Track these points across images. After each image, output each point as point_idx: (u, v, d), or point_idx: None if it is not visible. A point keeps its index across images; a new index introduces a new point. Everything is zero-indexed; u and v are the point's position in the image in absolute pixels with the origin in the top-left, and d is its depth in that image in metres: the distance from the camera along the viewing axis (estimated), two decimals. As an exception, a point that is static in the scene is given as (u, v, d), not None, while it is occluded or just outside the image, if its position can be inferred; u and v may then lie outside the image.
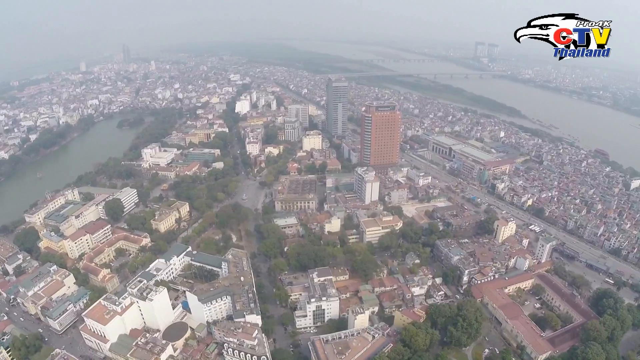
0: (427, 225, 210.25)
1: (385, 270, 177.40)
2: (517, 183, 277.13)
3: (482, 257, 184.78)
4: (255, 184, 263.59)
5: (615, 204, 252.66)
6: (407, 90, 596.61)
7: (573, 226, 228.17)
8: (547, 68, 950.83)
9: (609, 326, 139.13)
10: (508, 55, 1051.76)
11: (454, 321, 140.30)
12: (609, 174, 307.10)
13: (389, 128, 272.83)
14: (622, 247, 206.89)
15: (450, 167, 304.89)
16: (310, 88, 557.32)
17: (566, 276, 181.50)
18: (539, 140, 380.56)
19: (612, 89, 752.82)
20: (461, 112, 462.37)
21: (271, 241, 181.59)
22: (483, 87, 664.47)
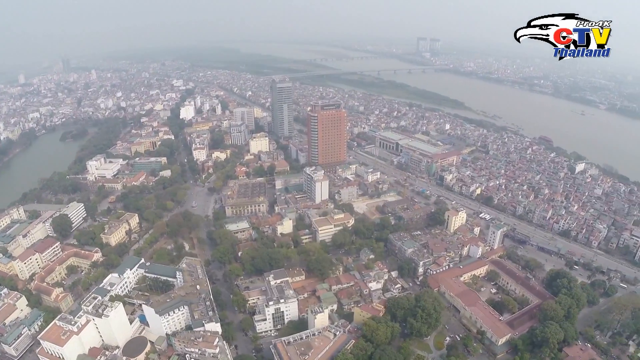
0: (378, 220, 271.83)
1: (341, 268, 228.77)
2: (465, 173, 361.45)
3: (435, 248, 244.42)
4: (204, 191, 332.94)
5: (562, 187, 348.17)
6: (351, 88, 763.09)
7: (522, 212, 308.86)
8: (488, 60, 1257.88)
9: (564, 305, 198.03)
10: (450, 49, 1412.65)
11: (413, 312, 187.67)
12: (553, 159, 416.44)
13: (335, 126, 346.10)
14: (571, 228, 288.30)
15: (398, 162, 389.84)
16: (255, 90, 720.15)
17: (519, 260, 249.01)
18: (484, 130, 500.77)
19: (553, 78, 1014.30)
20: (406, 107, 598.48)
21: (224, 247, 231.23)
22: (426, 81, 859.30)
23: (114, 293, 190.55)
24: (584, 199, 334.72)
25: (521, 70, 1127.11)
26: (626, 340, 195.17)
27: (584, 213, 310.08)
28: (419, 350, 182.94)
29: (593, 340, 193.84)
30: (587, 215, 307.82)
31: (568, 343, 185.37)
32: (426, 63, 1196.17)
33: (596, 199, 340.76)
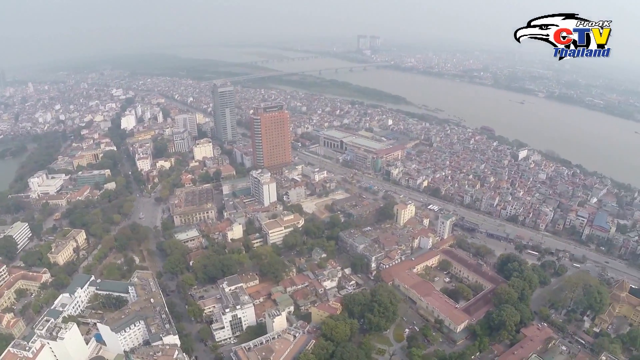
0: (328, 219, 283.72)
1: (294, 269, 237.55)
2: (411, 167, 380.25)
3: (386, 242, 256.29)
4: (151, 201, 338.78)
5: (507, 174, 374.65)
6: (293, 88, 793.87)
7: (469, 201, 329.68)
8: (428, 55, 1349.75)
9: (517, 287, 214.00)
10: (390, 45, 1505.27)
11: (370, 308, 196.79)
12: (497, 148, 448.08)
13: (279, 128, 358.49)
14: (518, 213, 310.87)
15: (344, 160, 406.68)
16: (196, 96, 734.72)
17: (470, 248, 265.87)
18: (427, 124, 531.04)
19: (492, 70, 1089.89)
20: (349, 105, 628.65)
21: (175, 257, 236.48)
22: (368, 78, 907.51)
23: (66, 314, 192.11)
24: (529, 184, 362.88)
25: (461, 63, 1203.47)
26: (580, 316, 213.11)
27: (530, 198, 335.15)
28: (379, 345, 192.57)
29: (549, 319, 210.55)
30: (533, 199, 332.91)
31: (525, 324, 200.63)
32: (367, 60, 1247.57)
33: (541, 183, 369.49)
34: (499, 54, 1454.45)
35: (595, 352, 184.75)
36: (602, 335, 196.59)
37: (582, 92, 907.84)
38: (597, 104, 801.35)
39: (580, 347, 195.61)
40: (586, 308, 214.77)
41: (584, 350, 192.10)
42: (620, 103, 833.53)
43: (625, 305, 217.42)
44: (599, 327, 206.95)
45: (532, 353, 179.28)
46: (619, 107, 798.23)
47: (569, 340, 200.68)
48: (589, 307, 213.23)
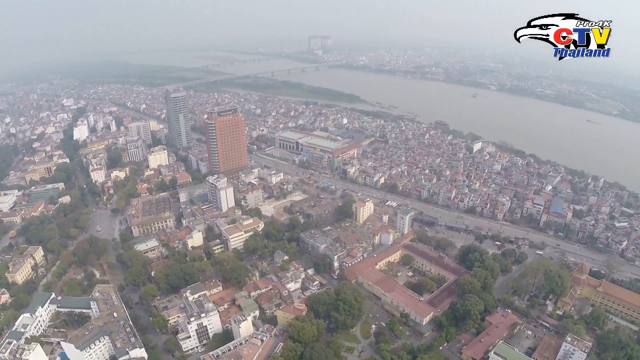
0: (288, 221, 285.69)
1: (257, 273, 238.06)
2: (367, 164, 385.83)
3: (347, 240, 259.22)
4: (107, 213, 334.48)
5: (462, 167, 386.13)
6: (247, 91, 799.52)
7: (427, 195, 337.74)
8: (380, 52, 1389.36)
9: (480, 277, 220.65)
10: (341, 44, 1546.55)
11: (335, 307, 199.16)
12: (451, 141, 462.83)
13: (234, 132, 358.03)
14: (475, 205, 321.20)
15: (300, 160, 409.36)
16: (149, 103, 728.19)
17: (430, 241, 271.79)
18: (382, 121, 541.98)
19: (444, 65, 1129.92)
20: (303, 106, 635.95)
21: (136, 269, 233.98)
22: (321, 78, 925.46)
23: (29, 335, 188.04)
24: (485, 175, 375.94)
25: (412, 60, 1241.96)
26: (543, 300, 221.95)
27: (486, 189, 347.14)
28: (347, 343, 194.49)
29: (512, 306, 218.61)
30: (489, 190, 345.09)
31: (489, 312, 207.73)
32: (319, 60, 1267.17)
33: (496, 174, 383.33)
34: (449, 49, 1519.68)
35: (560, 334, 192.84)
36: (566, 318, 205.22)
37: (532, 83, 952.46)
38: (548, 95, 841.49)
39: (545, 330, 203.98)
40: (548, 292, 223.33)
41: (549, 333, 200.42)
42: (571, 93, 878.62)
43: (585, 287, 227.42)
44: (562, 310, 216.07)
45: (499, 339, 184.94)
46: (569, 97, 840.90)
47: (533, 324, 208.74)
48: (551, 291, 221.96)
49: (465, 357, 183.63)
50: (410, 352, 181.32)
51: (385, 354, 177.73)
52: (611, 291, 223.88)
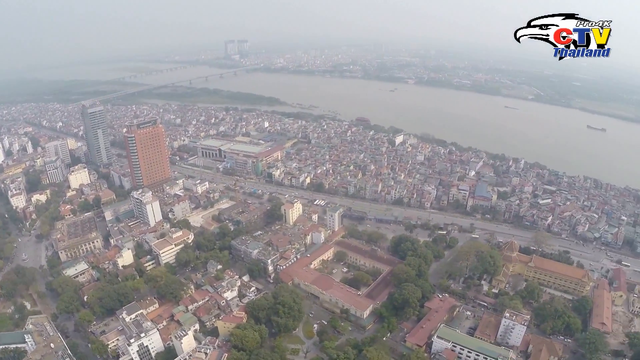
0: (217, 229, 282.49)
1: (192, 286, 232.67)
2: (292, 166, 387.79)
3: (279, 243, 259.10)
4: (32, 239, 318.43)
5: (386, 161, 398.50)
6: (165, 101, 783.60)
7: (354, 191, 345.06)
8: (297, 54, 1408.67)
9: (414, 265, 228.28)
10: (258, 48, 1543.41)
11: (274, 310, 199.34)
12: (373, 136, 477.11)
13: (155, 144, 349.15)
14: (402, 196, 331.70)
15: (224, 168, 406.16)
16: (65, 120, 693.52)
17: (361, 236, 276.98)
18: (303, 121, 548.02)
19: (361, 62, 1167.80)
20: (223, 112, 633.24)
21: (68, 295, 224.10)
22: (239, 83, 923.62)
23: None
24: (409, 167, 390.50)
25: (330, 59, 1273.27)
26: (478, 281, 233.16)
27: (412, 180, 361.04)
28: (292, 345, 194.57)
29: (449, 290, 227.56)
30: (414, 181, 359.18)
31: (427, 298, 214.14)
32: (237, 65, 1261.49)
33: (420, 164, 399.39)
34: (367, 46, 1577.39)
35: (499, 311, 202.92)
36: (502, 295, 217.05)
37: (449, 74, 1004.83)
38: (464, 84, 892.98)
39: (484, 309, 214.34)
40: (482, 273, 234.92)
41: (488, 311, 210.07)
42: (486, 81, 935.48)
43: (517, 263, 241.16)
44: (497, 288, 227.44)
45: (440, 323, 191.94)
46: (485, 85, 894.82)
47: (471, 305, 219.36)
48: (485, 272, 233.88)
49: (410, 344, 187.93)
50: (355, 346, 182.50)
51: (331, 352, 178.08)
52: (542, 265, 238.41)
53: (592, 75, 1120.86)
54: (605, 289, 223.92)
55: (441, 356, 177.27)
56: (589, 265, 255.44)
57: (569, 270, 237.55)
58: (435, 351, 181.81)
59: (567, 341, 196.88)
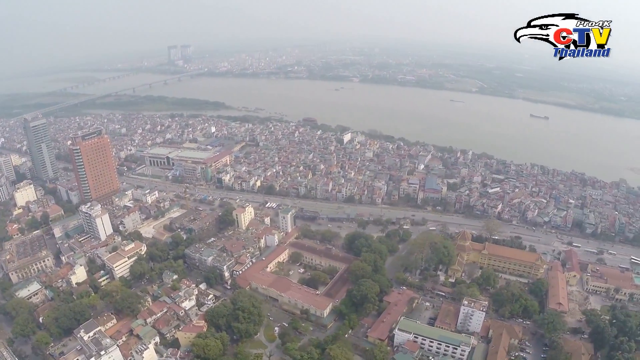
0: (170, 239, 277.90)
1: (149, 298, 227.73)
2: (241, 170, 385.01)
3: (233, 248, 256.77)
4: None
5: (335, 159, 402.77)
6: (109, 111, 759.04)
7: (305, 191, 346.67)
8: (242, 57, 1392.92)
9: (369, 261, 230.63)
10: (202, 52, 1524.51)
11: (234, 316, 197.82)
12: (321, 136, 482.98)
13: (101, 155, 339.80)
14: (353, 193, 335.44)
15: (173, 175, 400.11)
16: (7, 135, 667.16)
17: (315, 235, 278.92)
18: (250, 125, 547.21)
19: (306, 63, 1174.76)
20: (169, 119, 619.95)
21: (22, 318, 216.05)
22: (184, 89, 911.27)
23: None
24: (358, 164, 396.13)
25: (274, 60, 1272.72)
26: (434, 272, 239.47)
27: (362, 177, 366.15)
28: (254, 350, 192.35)
29: (406, 282, 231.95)
30: (364, 178, 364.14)
31: (385, 292, 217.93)
32: (180, 71, 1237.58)
33: (369, 161, 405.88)
34: (311, 47, 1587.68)
35: (457, 300, 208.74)
36: (458, 283, 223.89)
37: (393, 71, 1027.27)
38: (409, 80, 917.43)
39: (442, 299, 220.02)
40: (437, 263, 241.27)
41: (446, 300, 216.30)
42: (430, 76, 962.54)
43: (471, 252, 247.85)
44: (454, 277, 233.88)
45: (400, 316, 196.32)
46: (430, 80, 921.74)
47: (430, 295, 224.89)
48: (440, 262, 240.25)
49: (372, 339, 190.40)
50: (317, 346, 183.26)
51: (294, 353, 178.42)
52: (495, 251, 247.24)
53: (534, 66, 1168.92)
54: (559, 271, 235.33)
55: (404, 348, 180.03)
56: (541, 249, 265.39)
57: (522, 255, 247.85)
58: (397, 344, 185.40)
59: (526, 323, 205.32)
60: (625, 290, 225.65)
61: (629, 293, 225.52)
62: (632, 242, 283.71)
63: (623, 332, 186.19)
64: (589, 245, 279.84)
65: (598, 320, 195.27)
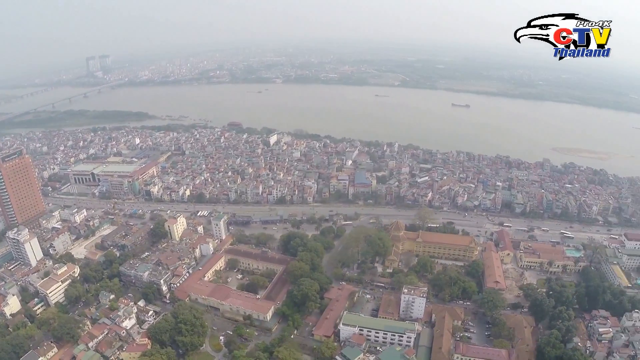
0: (103, 258, 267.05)
1: (88, 322, 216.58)
2: (169, 180, 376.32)
3: (168, 261, 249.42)
4: None
5: (263, 162, 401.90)
6: (28, 129, 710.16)
7: (235, 196, 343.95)
8: (162, 64, 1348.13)
9: (306, 260, 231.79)
10: (122, 62, 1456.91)
11: (177, 330, 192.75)
12: (247, 139, 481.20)
13: (24, 176, 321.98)
14: (284, 194, 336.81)
15: (100, 192, 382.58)
16: None
17: (250, 240, 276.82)
18: (175, 133, 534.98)
19: (227, 66, 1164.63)
20: (91, 134, 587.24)
21: None
22: (105, 101, 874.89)
23: None
24: (287, 165, 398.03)
25: (196, 66, 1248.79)
26: (371, 264, 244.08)
27: (291, 177, 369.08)
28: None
29: (345, 277, 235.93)
30: (294, 178, 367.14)
31: (326, 289, 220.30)
32: (100, 82, 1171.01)
33: (297, 161, 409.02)
34: (232, 50, 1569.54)
35: (397, 289, 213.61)
36: (396, 273, 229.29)
37: (316, 70, 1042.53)
38: (332, 78, 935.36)
39: (382, 289, 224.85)
40: (374, 256, 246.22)
41: (386, 291, 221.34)
42: (353, 73, 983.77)
43: (406, 241, 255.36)
44: (391, 268, 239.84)
45: (343, 311, 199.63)
46: (352, 77, 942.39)
47: (370, 288, 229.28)
48: (376, 254, 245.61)
49: (318, 337, 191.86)
50: (265, 350, 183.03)
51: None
52: (429, 238, 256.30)
53: (454, 57, 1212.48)
54: (493, 251, 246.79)
55: (351, 342, 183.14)
56: (473, 231, 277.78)
57: (456, 239, 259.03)
58: (344, 338, 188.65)
59: (467, 304, 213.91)
60: (558, 263, 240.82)
61: (561, 265, 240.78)
62: (561, 217, 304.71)
63: (560, 302, 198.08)
64: (519, 224, 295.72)
65: (535, 294, 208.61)
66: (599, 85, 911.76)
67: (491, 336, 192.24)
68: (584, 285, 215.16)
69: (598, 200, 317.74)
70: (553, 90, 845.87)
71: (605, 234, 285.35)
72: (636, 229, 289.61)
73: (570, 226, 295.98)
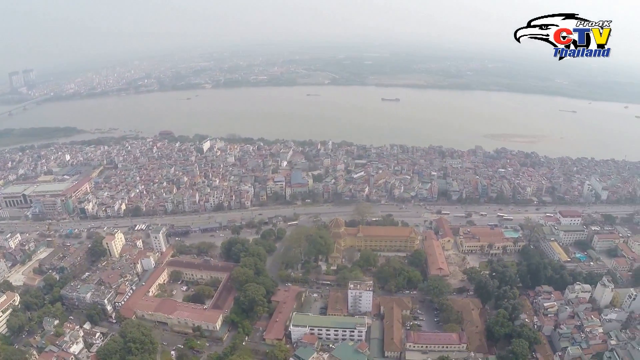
0: (42, 283, 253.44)
1: (34, 351, 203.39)
2: (104, 195, 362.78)
3: (110, 279, 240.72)
4: None
5: (198, 169, 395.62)
6: None
7: (172, 206, 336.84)
8: (88, 76, 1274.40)
9: (250, 265, 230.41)
10: (46, 75, 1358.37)
11: (127, 350, 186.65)
12: (180, 148, 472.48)
13: None
14: (221, 201, 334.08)
15: (33, 213, 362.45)
16: None
17: (190, 250, 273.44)
18: (105, 147, 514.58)
19: (155, 74, 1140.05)
20: (19, 153, 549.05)
21: None
22: (32, 118, 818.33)
23: None
24: (222, 170, 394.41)
25: (123, 76, 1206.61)
26: (315, 263, 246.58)
27: (227, 182, 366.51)
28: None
29: (290, 279, 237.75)
30: (230, 183, 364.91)
31: (272, 292, 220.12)
32: (25, 99, 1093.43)
33: (232, 166, 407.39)
34: (159, 57, 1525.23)
35: (343, 285, 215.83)
36: (340, 269, 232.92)
37: (245, 73, 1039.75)
38: (261, 80, 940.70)
39: (328, 287, 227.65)
40: (317, 254, 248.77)
41: (333, 288, 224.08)
42: (282, 74, 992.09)
43: (347, 237, 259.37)
44: (335, 265, 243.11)
45: (292, 312, 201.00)
46: (282, 78, 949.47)
47: (316, 287, 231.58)
48: (319, 252, 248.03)
49: (270, 341, 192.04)
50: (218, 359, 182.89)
51: None
52: (370, 232, 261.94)
53: (382, 53, 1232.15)
54: (433, 239, 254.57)
55: (303, 342, 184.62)
56: (413, 222, 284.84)
57: (396, 231, 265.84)
58: (295, 339, 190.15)
59: (413, 293, 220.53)
60: (498, 244, 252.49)
61: (501, 246, 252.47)
62: (497, 201, 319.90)
63: (504, 282, 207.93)
64: (457, 210, 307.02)
65: (479, 276, 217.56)
66: (525, 72, 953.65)
67: (440, 322, 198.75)
68: (525, 264, 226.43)
69: (531, 182, 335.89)
70: (481, 79, 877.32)
71: (541, 213, 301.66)
72: (570, 206, 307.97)
73: (500, 209, 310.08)
